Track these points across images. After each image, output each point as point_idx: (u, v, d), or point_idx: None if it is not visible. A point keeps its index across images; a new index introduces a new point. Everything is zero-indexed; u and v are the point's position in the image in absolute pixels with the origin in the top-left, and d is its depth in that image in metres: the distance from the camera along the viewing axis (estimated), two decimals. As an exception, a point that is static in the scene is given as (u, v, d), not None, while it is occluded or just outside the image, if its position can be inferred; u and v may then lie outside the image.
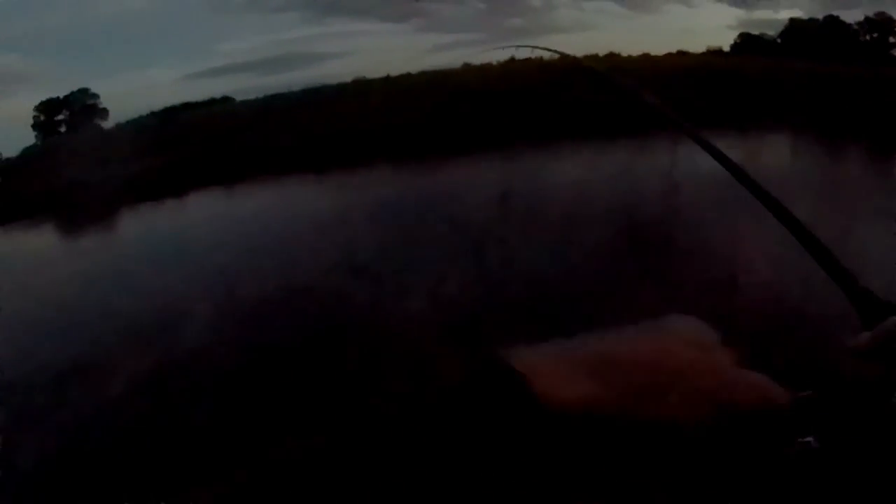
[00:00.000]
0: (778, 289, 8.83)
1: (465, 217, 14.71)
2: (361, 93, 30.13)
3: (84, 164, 31.38)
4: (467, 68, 30.69)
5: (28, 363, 11.08)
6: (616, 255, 11.24)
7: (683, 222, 12.80)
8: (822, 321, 6.90)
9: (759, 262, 9.57)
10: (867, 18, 39.19)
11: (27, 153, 42.02)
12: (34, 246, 23.63)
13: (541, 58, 25.56)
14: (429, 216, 15.45)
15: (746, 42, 38.81)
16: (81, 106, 47.61)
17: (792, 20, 40.46)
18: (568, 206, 14.47)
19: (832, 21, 39.58)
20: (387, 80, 31.38)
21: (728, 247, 10.71)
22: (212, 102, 43.56)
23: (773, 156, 18.37)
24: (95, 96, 47.95)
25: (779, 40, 39.06)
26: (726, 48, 38.77)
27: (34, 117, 47.86)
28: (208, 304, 12.09)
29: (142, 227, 23.48)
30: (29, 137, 47.13)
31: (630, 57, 31.79)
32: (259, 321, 11.13)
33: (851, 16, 40.02)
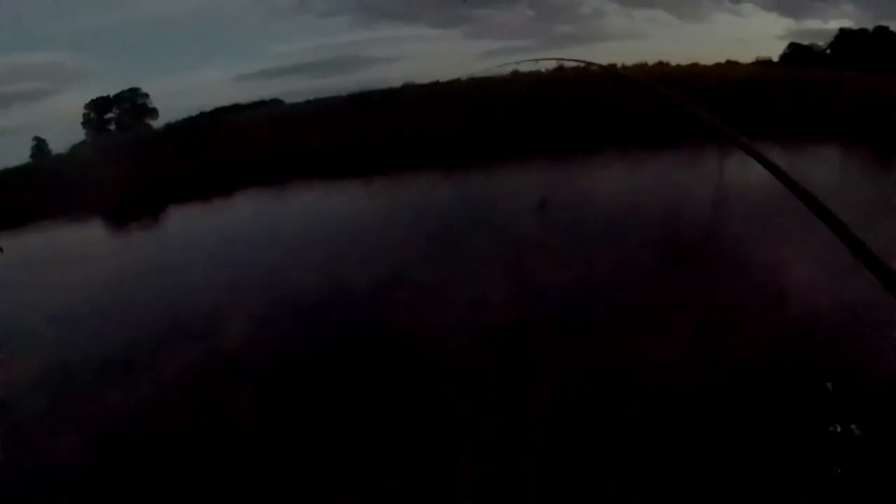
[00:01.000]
0: (824, 293, 8.81)
1: (508, 224, 14.66)
2: (410, 97, 30.11)
3: (133, 161, 31.83)
4: (516, 76, 30.58)
5: (75, 351, 11.38)
6: (655, 266, 11.16)
7: (729, 233, 12.69)
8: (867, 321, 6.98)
9: (806, 266, 9.52)
10: (919, 28, 38.66)
11: (76, 150, 42.57)
12: (82, 241, 23.99)
13: (588, 67, 25.49)
14: (474, 222, 15.40)
15: (796, 52, 38.43)
16: (131, 105, 48.28)
17: (842, 30, 40.00)
18: (612, 215, 14.41)
19: (882, 31, 39.05)
20: (436, 86, 31.29)
21: (778, 251, 10.62)
22: (261, 104, 43.99)
23: (823, 167, 18.15)
24: (145, 95, 48.71)
25: (828, 51, 38.63)
26: (776, 58, 38.42)
27: (84, 115, 48.67)
28: (251, 303, 12.25)
29: (189, 225, 23.70)
30: (79, 134, 47.93)
31: (679, 66, 31.51)
32: (303, 322, 11.04)
33: (904, 26, 39.50)
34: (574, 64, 26.11)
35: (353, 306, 11.45)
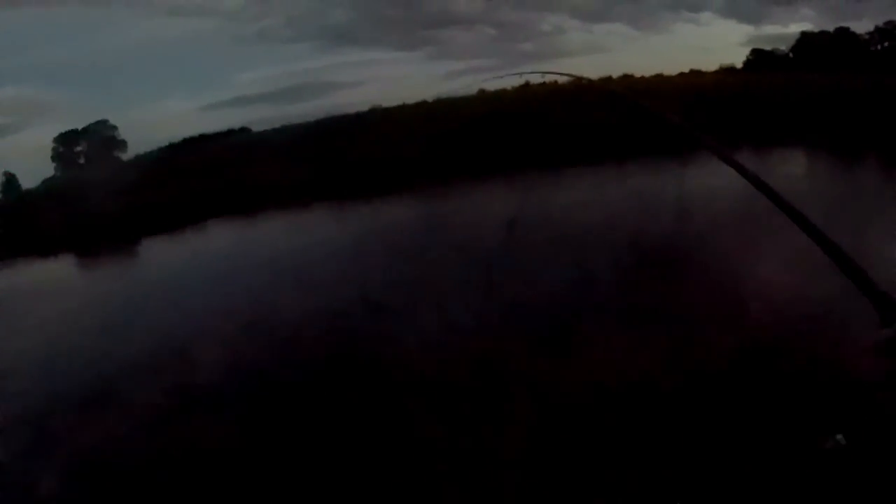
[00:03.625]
0: (798, 296, 8.86)
1: (482, 244, 14.70)
2: (378, 121, 30.19)
3: (103, 195, 31.71)
4: (483, 94, 30.71)
5: (51, 387, 11.25)
6: (629, 277, 11.20)
7: (701, 238, 12.75)
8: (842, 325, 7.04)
9: (777, 270, 9.58)
10: (877, 28, 39.23)
11: (47, 184, 42.43)
12: (56, 276, 23.84)
13: (555, 82, 25.67)
14: (447, 244, 15.41)
15: (759, 58, 38.88)
16: (100, 137, 48.12)
17: (803, 34, 40.53)
18: (586, 228, 14.46)
19: (843, 32, 39.60)
20: (403, 108, 31.39)
21: (747, 257, 10.68)
22: (229, 133, 44.02)
23: (791, 170, 18.31)
24: (114, 128, 48.55)
25: (791, 54, 39.10)
26: (739, 65, 38.84)
27: (53, 149, 48.46)
28: (224, 330, 12.19)
29: (160, 256, 23.66)
30: (49, 169, 47.73)
31: (644, 77, 31.85)
32: (274, 350, 11.00)
33: (862, 26, 40.08)
34: (540, 79, 26.37)
35: (324, 331, 11.40)
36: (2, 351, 13.70)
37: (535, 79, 26.07)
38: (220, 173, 30.52)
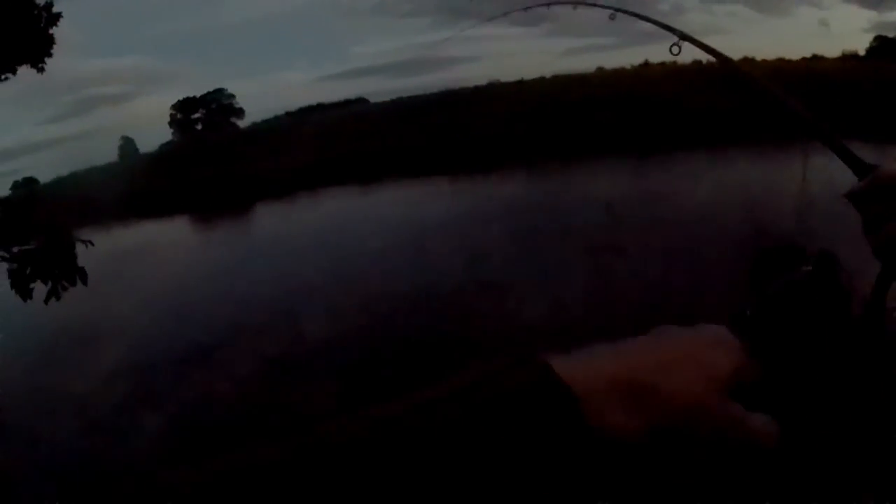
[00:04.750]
0: None
1: (589, 224, 14.61)
2: (496, 96, 30.02)
3: (219, 160, 32.51)
4: (601, 72, 30.32)
5: (157, 344, 12.06)
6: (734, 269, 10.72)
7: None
8: None
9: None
10: None
11: (164, 149, 43.63)
12: (169, 238, 24.74)
13: (674, 62, 25.24)
14: (556, 222, 15.35)
15: (883, 45, 37.21)
16: (218, 105, 49.25)
17: (929, 21, 38.66)
18: (694, 215, 14.14)
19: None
20: (521, 84, 31.15)
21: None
22: (346, 103, 44.61)
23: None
24: (231, 96, 49.70)
25: (917, 43, 37.38)
26: (862, 52, 37.31)
27: (171, 115, 49.91)
28: (333, 296, 12.66)
29: (273, 222, 24.29)
30: (166, 134, 49.21)
31: (765, 61, 30.79)
32: (379, 320, 11.29)
33: None
34: (661, 59, 25.81)
35: (429, 303, 11.66)
36: (115, 308, 14.23)
37: (655, 57, 25.51)
38: (336, 142, 31.04)
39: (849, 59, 34.70)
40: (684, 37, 1.86)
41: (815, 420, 0.78)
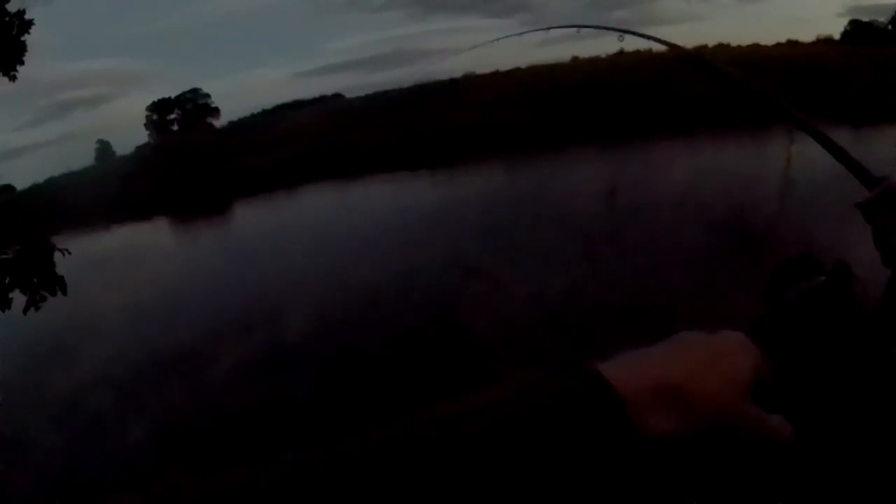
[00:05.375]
0: None
1: (571, 212, 14.60)
2: (472, 88, 30.07)
3: (196, 160, 32.43)
4: (576, 62, 30.39)
5: (142, 345, 11.97)
6: (717, 254, 10.76)
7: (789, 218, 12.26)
8: None
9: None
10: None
11: (141, 151, 43.44)
12: (149, 240, 24.65)
13: (650, 49, 25.27)
14: (536, 211, 15.36)
15: (857, 29, 37.41)
16: (193, 105, 49.11)
17: (903, 5, 38.88)
18: (675, 202, 14.14)
19: (946, 4, 37.96)
20: (496, 75, 31.18)
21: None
22: (322, 100, 44.49)
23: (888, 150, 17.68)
24: (206, 95, 49.52)
25: (890, 27, 37.66)
26: (837, 36, 37.49)
27: (147, 116, 49.74)
28: (317, 292, 12.66)
29: (253, 220, 24.25)
30: (142, 136, 49.01)
31: (740, 47, 30.98)
32: (362, 312, 11.31)
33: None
34: (635, 47, 25.91)
35: (413, 295, 11.68)
36: (97, 310, 14.17)
37: (629, 46, 25.51)
38: (313, 139, 31.00)
39: (824, 43, 34.89)
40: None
41: (828, 420, 0.82)
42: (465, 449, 0.61)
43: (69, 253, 6.95)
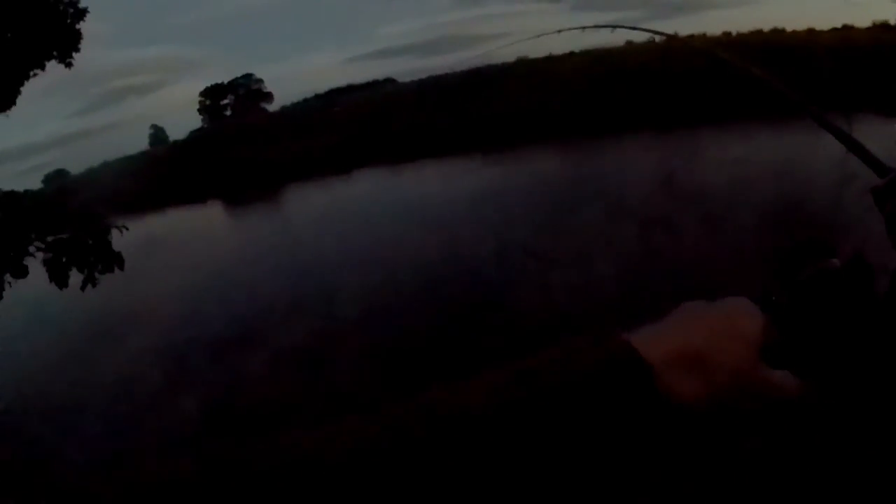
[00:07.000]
0: None
1: (622, 196, 14.53)
2: (525, 73, 29.73)
3: (249, 144, 32.72)
4: (630, 46, 29.87)
5: (195, 325, 12.27)
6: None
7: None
8: None
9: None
10: None
11: (194, 136, 44.02)
12: (203, 223, 25.03)
13: (704, 33, 24.83)
14: (587, 196, 15.22)
15: (912, 14, 36.30)
16: (246, 90, 49.54)
17: (959, -10, 37.57)
18: (727, 188, 13.93)
19: None
20: (550, 60, 30.79)
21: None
22: (374, 84, 44.64)
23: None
24: (259, 81, 49.97)
25: (951, 11, 36.47)
26: (893, 21, 36.41)
27: (200, 102, 50.38)
28: (370, 273, 12.66)
29: (306, 204, 24.46)
30: (195, 122, 49.61)
31: (795, 32, 30.17)
32: (414, 296, 11.37)
33: None
34: (690, 31, 25.26)
35: (464, 279, 11.70)
36: (153, 292, 14.51)
37: (684, 30, 25.05)
38: (366, 123, 30.99)
39: (880, 28, 33.92)
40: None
41: (834, 378, 0.87)
42: (513, 412, 0.70)
43: (127, 229, 7.15)
